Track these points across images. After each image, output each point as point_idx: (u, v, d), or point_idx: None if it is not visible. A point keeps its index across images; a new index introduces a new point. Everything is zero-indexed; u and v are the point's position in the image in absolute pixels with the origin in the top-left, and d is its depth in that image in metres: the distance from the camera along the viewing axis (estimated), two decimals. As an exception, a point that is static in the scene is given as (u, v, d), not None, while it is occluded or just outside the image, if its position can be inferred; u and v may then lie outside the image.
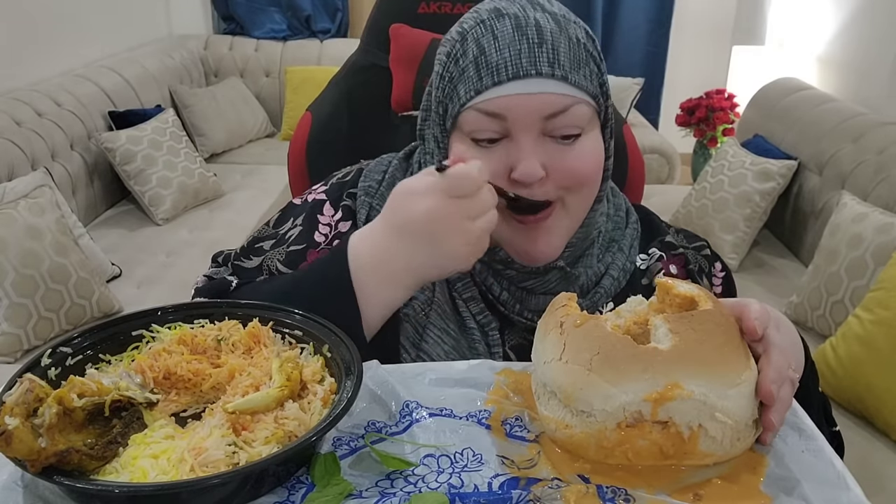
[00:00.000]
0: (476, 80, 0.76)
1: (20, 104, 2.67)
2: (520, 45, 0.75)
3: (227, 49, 4.15)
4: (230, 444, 0.56)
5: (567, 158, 0.78)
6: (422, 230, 0.72)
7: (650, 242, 0.93)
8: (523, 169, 0.76)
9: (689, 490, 0.57)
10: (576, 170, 0.79)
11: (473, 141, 0.79)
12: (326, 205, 0.92)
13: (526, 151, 0.76)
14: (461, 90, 0.78)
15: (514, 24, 0.76)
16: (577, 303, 0.66)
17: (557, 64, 0.75)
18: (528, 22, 0.76)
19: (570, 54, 0.76)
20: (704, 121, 3.70)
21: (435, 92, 0.82)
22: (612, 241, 0.91)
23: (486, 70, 0.76)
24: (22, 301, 2.09)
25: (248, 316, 0.71)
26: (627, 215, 0.94)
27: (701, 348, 0.59)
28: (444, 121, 0.81)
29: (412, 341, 0.84)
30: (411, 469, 0.59)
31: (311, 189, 0.96)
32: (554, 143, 0.78)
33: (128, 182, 3.00)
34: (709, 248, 0.95)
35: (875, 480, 1.69)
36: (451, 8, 1.57)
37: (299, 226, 0.92)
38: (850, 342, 1.88)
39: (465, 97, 0.77)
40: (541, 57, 0.75)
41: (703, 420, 0.57)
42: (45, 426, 0.54)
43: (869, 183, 2.36)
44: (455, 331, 0.85)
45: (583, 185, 0.81)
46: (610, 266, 0.89)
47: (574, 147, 0.78)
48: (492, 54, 0.76)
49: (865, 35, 2.98)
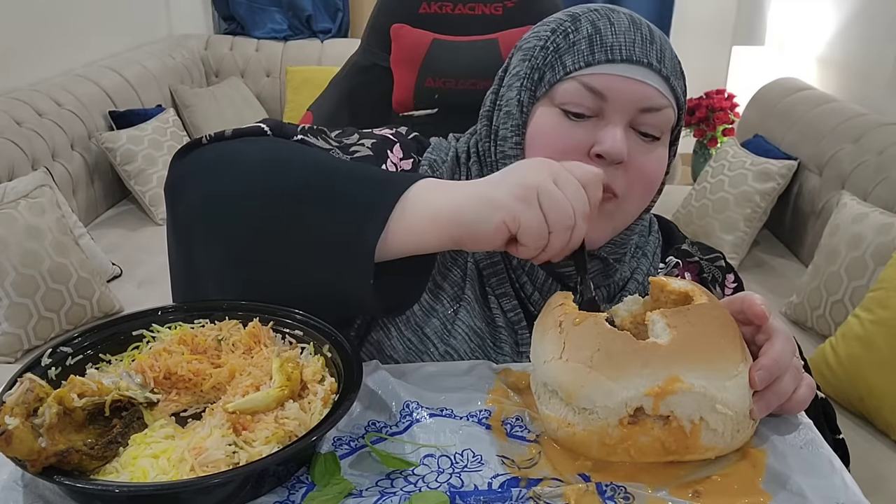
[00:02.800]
0: (588, 53, 0.78)
1: (20, 104, 2.67)
2: (634, 35, 0.78)
3: (228, 49, 4.15)
4: (230, 443, 0.56)
5: (644, 157, 0.79)
6: (503, 176, 0.67)
7: (668, 250, 0.94)
8: (611, 144, 0.76)
9: (689, 487, 0.57)
10: (647, 170, 0.80)
11: (563, 112, 0.79)
12: (397, 146, 0.90)
13: (617, 130, 0.77)
14: (568, 60, 0.79)
15: (629, 18, 0.79)
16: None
17: (664, 63, 0.78)
18: (641, 21, 0.80)
19: (672, 62, 0.80)
20: (704, 121, 3.69)
21: (532, 61, 0.81)
22: (638, 247, 0.91)
23: (601, 47, 0.77)
24: (22, 301, 2.09)
25: (248, 316, 0.71)
26: (651, 224, 0.95)
27: (698, 341, 0.59)
28: (537, 88, 0.81)
29: (440, 336, 0.83)
30: (411, 469, 0.60)
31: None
32: (637, 137, 0.79)
33: (128, 182, 3.01)
34: (723, 261, 0.95)
35: (875, 480, 1.69)
36: (452, 8, 1.58)
37: (368, 149, 0.87)
38: (849, 342, 1.88)
39: (571, 67, 0.78)
40: (651, 52, 0.78)
41: (704, 412, 0.58)
42: (46, 426, 0.54)
43: (869, 183, 2.36)
44: (482, 329, 0.84)
45: (646, 188, 0.81)
46: (635, 271, 0.89)
47: (652, 149, 0.80)
48: (607, 35, 0.78)
49: (865, 35, 2.98)
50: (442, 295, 0.84)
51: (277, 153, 0.76)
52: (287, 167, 0.73)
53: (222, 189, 0.74)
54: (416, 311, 0.84)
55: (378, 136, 0.91)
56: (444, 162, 0.90)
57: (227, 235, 0.73)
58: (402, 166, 0.89)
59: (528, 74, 0.81)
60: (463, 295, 0.84)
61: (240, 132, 0.82)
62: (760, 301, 0.65)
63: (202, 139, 0.81)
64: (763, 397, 0.61)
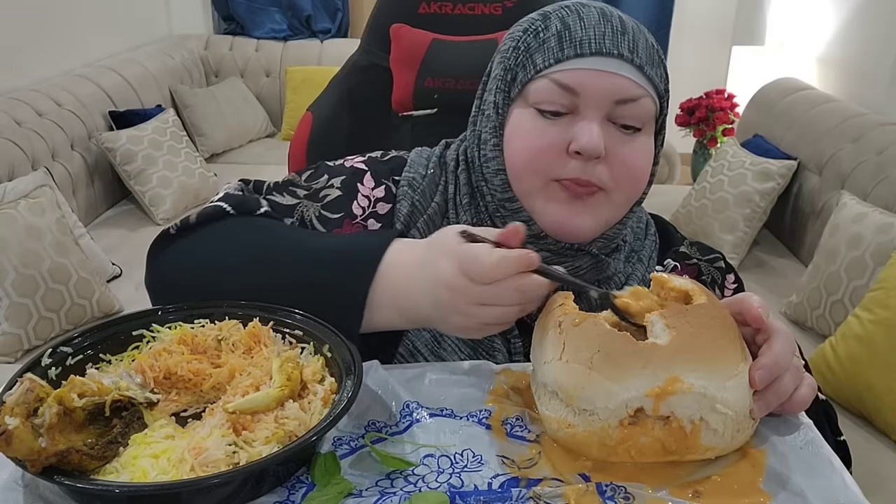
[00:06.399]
0: (557, 50, 0.77)
1: (20, 104, 2.67)
2: (604, 28, 0.77)
3: (228, 49, 4.15)
4: (230, 443, 0.56)
5: (625, 149, 0.78)
6: (434, 290, 0.69)
7: (665, 253, 0.93)
8: (587, 140, 0.75)
9: (689, 487, 0.57)
10: (630, 162, 0.79)
11: (538, 111, 0.79)
12: (367, 176, 0.90)
13: (592, 126, 0.76)
14: (538, 59, 0.78)
15: (599, 12, 0.79)
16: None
17: (637, 53, 0.77)
18: (612, 13, 0.79)
19: (647, 50, 0.78)
20: (704, 121, 3.69)
21: (505, 62, 0.82)
22: (633, 251, 0.91)
23: (570, 42, 0.77)
24: (22, 301, 2.09)
25: (248, 316, 0.71)
26: (647, 227, 0.94)
27: (698, 342, 0.59)
28: (510, 88, 0.81)
29: (430, 348, 0.83)
30: (411, 469, 0.60)
31: (342, 158, 0.94)
32: (616, 130, 0.78)
33: (128, 182, 3.00)
34: (723, 261, 0.95)
35: (875, 480, 1.69)
36: (452, 8, 1.58)
37: (337, 189, 0.89)
38: (849, 342, 1.88)
39: (542, 65, 0.78)
40: (622, 42, 0.77)
41: (704, 413, 0.58)
42: (46, 426, 0.54)
43: (869, 183, 2.36)
44: (473, 339, 0.83)
45: (632, 180, 0.81)
46: (630, 276, 0.89)
47: (634, 140, 0.79)
48: (576, 30, 0.77)
49: (865, 35, 2.98)
50: None
51: (250, 256, 0.79)
52: (259, 273, 0.77)
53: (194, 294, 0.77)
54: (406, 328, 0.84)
55: (348, 169, 0.91)
56: (424, 177, 0.90)
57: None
58: (374, 195, 0.90)
59: (502, 76, 0.82)
60: None
61: (204, 217, 0.83)
62: (758, 303, 0.65)
63: (170, 230, 0.83)
64: (763, 397, 0.61)
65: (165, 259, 0.82)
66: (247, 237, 0.81)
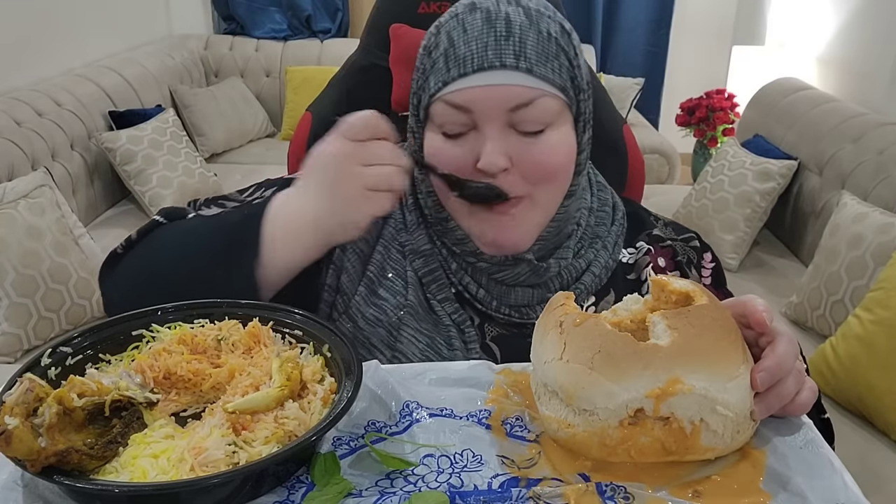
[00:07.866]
0: (444, 71, 0.78)
1: (20, 104, 2.67)
2: (487, 37, 0.76)
3: (228, 49, 4.15)
4: (230, 443, 0.56)
5: (532, 151, 0.78)
6: (320, 175, 0.75)
7: (637, 237, 0.93)
8: (486, 158, 0.77)
9: (689, 487, 0.57)
10: (541, 163, 0.79)
11: (444, 134, 0.80)
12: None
13: (490, 141, 0.77)
14: (431, 82, 0.79)
15: (483, 18, 0.77)
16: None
17: (524, 56, 0.76)
18: (498, 15, 0.77)
19: (538, 47, 0.77)
20: (704, 121, 3.70)
21: (413, 85, 0.83)
22: (596, 236, 0.90)
23: (454, 62, 0.77)
24: (22, 301, 2.09)
25: (248, 316, 0.71)
26: (614, 210, 0.93)
27: (699, 343, 0.59)
28: (418, 112, 0.83)
29: (387, 343, 0.85)
30: (411, 469, 0.60)
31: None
32: (520, 135, 0.78)
33: (128, 182, 3.00)
34: (698, 240, 0.94)
35: (874, 480, 1.69)
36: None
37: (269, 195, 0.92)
38: (849, 342, 1.88)
39: (433, 88, 0.79)
40: (507, 49, 0.76)
41: (705, 414, 0.58)
42: (45, 426, 0.54)
43: (869, 183, 2.36)
44: (429, 329, 0.85)
45: (550, 178, 0.81)
46: (592, 263, 0.89)
47: (540, 140, 0.79)
48: (460, 46, 0.77)
49: (865, 35, 2.98)
50: (385, 305, 0.86)
51: (177, 248, 0.83)
52: (185, 261, 0.80)
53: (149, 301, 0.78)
54: (362, 326, 0.85)
55: (287, 178, 0.93)
56: None
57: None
58: None
59: (411, 100, 0.84)
60: (406, 301, 0.86)
61: (142, 231, 0.88)
62: (762, 307, 0.64)
63: (118, 249, 0.88)
64: (764, 399, 0.61)
65: (112, 281, 0.86)
66: (171, 235, 0.85)
